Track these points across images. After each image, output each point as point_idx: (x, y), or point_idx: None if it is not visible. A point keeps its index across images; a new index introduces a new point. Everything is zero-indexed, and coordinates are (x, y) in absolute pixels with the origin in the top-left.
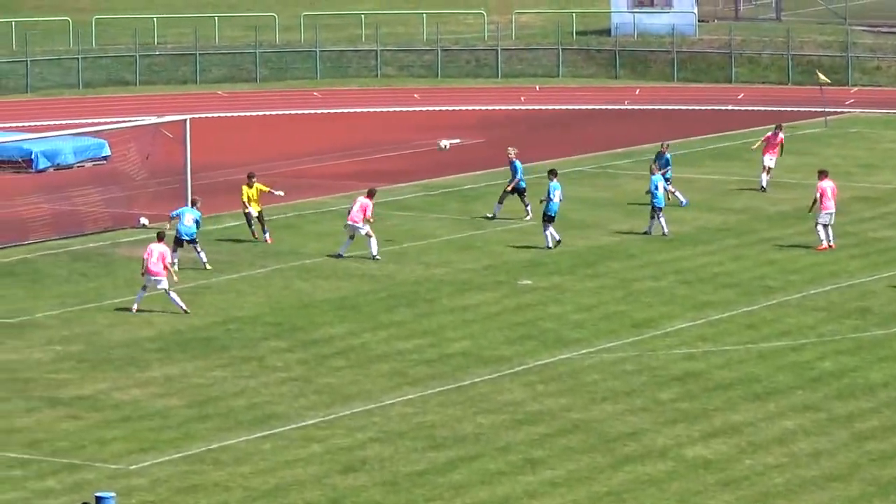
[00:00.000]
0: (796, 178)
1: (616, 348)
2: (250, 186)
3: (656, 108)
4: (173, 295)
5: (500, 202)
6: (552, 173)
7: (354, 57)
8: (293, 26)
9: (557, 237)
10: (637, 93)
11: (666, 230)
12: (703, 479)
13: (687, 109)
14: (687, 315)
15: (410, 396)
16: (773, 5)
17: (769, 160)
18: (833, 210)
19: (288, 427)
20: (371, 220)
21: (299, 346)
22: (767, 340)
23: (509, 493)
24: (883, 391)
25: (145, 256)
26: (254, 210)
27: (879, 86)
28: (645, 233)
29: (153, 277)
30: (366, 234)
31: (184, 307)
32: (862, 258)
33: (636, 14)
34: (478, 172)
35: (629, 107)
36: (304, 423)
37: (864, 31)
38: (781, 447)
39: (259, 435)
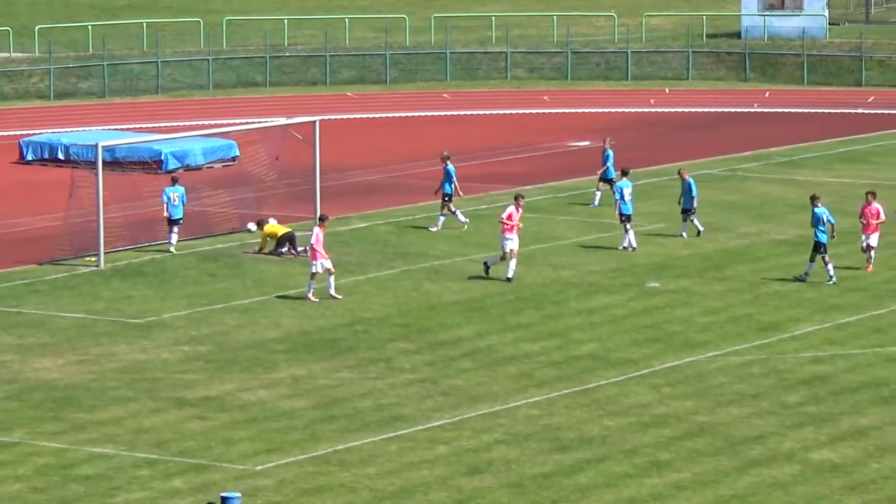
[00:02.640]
0: None
1: (743, 351)
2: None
3: (786, 111)
4: (332, 279)
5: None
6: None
7: (484, 59)
8: (423, 28)
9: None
10: (767, 96)
11: (701, 229)
12: (829, 483)
13: (817, 112)
14: (814, 318)
15: (537, 398)
16: None
17: None
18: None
19: (414, 429)
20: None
21: (426, 347)
22: None
23: (635, 495)
24: None
25: (313, 242)
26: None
27: None
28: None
29: (320, 262)
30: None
31: (333, 293)
32: None
33: (766, 17)
34: None
35: (759, 109)
36: (430, 425)
37: None
38: None
39: (385, 436)
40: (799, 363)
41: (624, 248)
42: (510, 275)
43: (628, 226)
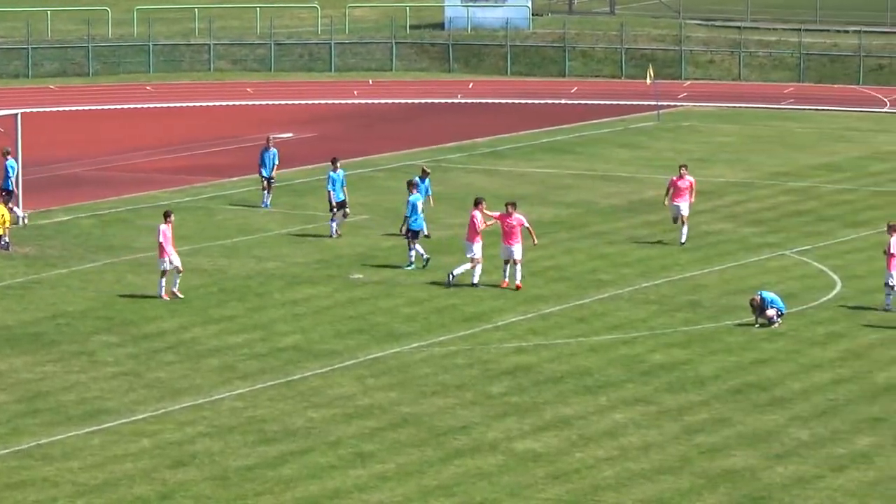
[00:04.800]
0: (629, 172)
1: (447, 342)
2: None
3: (489, 101)
4: (178, 278)
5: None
6: (413, 185)
7: (187, 51)
8: (126, 20)
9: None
10: (470, 86)
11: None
12: (533, 473)
13: (520, 103)
14: (518, 309)
15: (241, 391)
16: None
17: (679, 208)
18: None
19: (118, 422)
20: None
21: (130, 340)
22: (598, 334)
23: (339, 486)
24: (713, 384)
25: (161, 240)
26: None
27: (712, 79)
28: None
29: (168, 258)
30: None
31: (177, 291)
32: (693, 251)
33: (470, 7)
34: (309, 167)
35: (462, 100)
36: (134, 418)
37: (697, 24)
38: (612, 440)
39: (88, 430)
40: (503, 353)
41: (331, 235)
42: (475, 280)
43: (342, 213)
